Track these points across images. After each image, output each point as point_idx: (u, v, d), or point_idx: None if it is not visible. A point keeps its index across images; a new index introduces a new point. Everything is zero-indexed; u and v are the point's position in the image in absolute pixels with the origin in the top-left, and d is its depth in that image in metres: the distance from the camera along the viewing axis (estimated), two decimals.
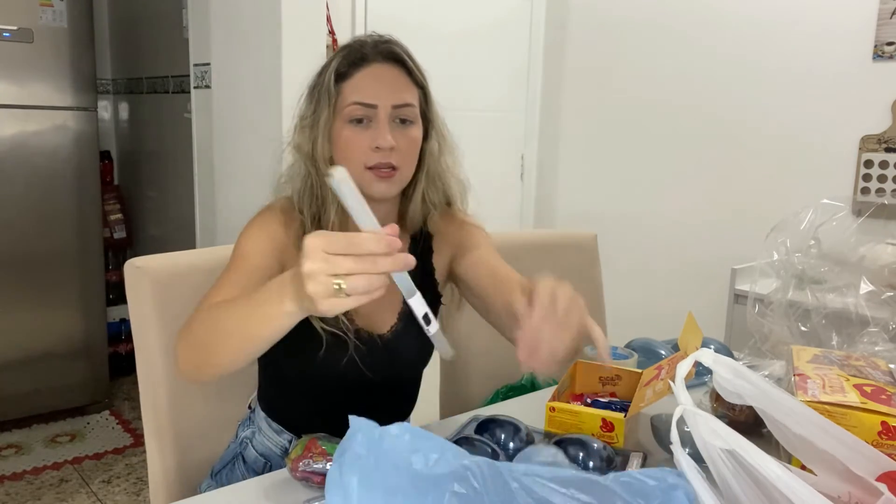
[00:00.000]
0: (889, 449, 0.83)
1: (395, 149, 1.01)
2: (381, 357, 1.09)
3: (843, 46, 2.24)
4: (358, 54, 1.04)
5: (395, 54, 1.05)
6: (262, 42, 2.23)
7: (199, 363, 0.91)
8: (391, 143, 1.00)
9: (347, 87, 1.03)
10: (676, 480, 0.62)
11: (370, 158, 1.01)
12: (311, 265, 0.68)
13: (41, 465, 2.53)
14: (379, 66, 1.03)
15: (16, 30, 2.61)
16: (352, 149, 1.02)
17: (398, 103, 1.02)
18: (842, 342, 1.24)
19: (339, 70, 1.04)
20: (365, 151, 1.01)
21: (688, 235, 2.66)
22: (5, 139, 2.65)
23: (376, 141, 1.00)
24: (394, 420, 1.22)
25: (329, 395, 1.11)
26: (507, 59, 2.95)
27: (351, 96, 1.02)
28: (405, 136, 1.03)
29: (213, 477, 1.16)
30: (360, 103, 1.01)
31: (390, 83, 1.03)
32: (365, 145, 1.01)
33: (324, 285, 0.68)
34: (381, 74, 1.03)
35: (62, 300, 2.83)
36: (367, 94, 1.01)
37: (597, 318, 1.76)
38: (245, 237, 1.04)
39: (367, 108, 1.01)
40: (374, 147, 1.01)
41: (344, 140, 1.03)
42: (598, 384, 1.19)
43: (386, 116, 1.01)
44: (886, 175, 2.17)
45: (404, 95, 1.03)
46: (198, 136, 2.70)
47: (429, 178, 1.11)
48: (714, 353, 0.75)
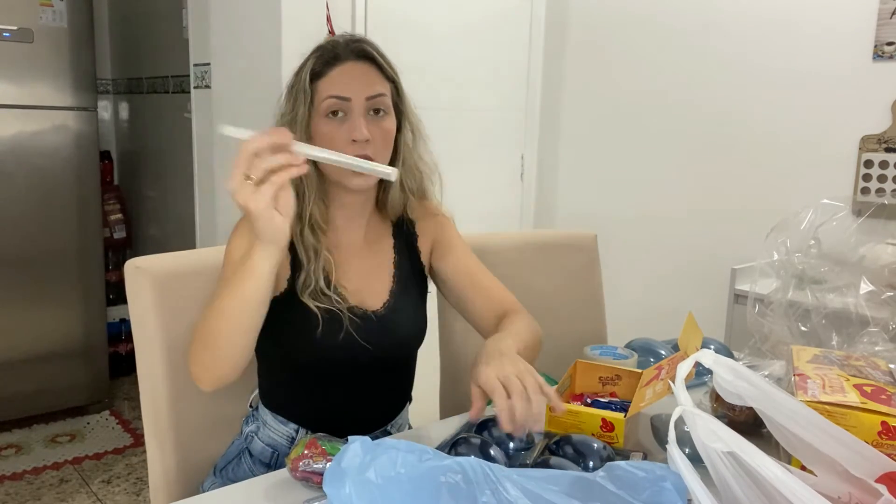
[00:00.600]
0: (889, 449, 0.83)
1: (371, 141, 1.07)
2: (377, 331, 1.12)
3: (843, 46, 2.23)
4: (331, 54, 1.10)
5: (366, 52, 1.12)
6: (262, 42, 2.24)
7: (209, 362, 0.98)
8: (366, 136, 1.06)
9: (322, 84, 1.09)
10: (665, 472, 0.63)
11: (347, 151, 1.05)
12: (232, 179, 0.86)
13: (41, 465, 2.53)
14: (352, 63, 1.10)
15: (16, 30, 2.61)
16: (329, 142, 1.07)
17: (371, 94, 1.08)
18: (842, 342, 1.24)
19: (314, 69, 1.10)
20: (342, 145, 1.07)
21: (688, 235, 2.66)
22: (5, 139, 2.65)
23: (352, 134, 1.06)
24: (396, 400, 1.24)
25: (329, 377, 1.13)
26: (507, 58, 2.95)
27: (326, 91, 1.08)
28: (379, 128, 1.09)
29: (216, 474, 1.16)
30: (335, 96, 1.07)
31: (362, 77, 1.10)
32: (342, 138, 1.07)
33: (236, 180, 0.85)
34: (354, 70, 1.10)
35: (62, 300, 2.83)
36: (342, 88, 1.08)
37: (597, 317, 1.77)
38: (230, 246, 1.09)
39: (342, 101, 1.07)
40: (350, 140, 1.06)
41: (321, 135, 1.08)
42: (598, 384, 1.19)
43: (361, 109, 1.08)
44: (886, 175, 2.17)
45: (376, 87, 1.10)
46: (198, 136, 2.70)
47: (405, 167, 1.18)
48: (714, 354, 0.75)
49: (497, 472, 0.64)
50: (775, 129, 2.41)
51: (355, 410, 1.17)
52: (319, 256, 1.10)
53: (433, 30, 2.63)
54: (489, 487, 0.62)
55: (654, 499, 0.61)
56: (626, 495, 0.61)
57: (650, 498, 0.61)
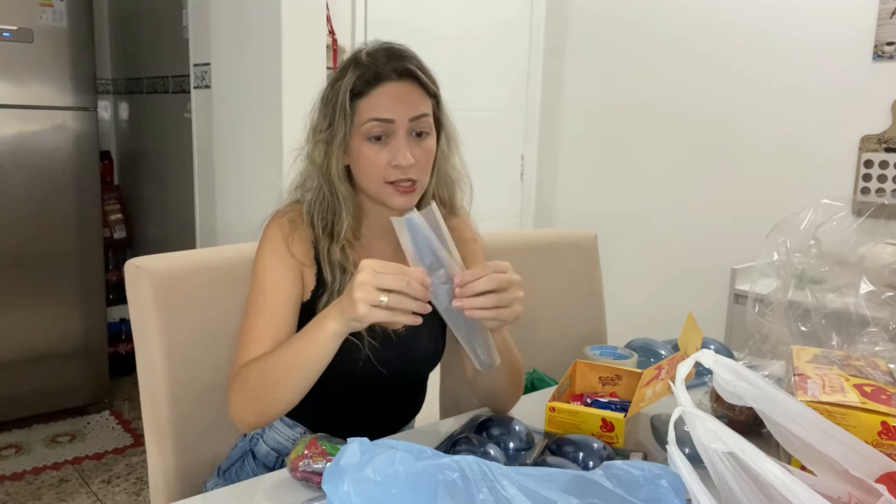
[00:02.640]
0: (889, 449, 0.83)
1: (414, 164, 1.04)
2: (396, 353, 1.12)
3: (843, 46, 2.23)
4: (372, 73, 1.06)
5: (409, 71, 1.07)
6: (262, 42, 2.23)
7: (259, 411, 1.02)
8: (411, 161, 1.04)
9: (364, 104, 1.06)
10: (661, 471, 0.63)
11: (390, 174, 1.05)
12: (363, 276, 0.86)
13: (41, 465, 2.53)
14: (394, 84, 1.06)
15: (16, 30, 2.61)
16: (371, 165, 1.05)
17: (414, 115, 1.05)
18: (842, 342, 1.24)
19: (355, 89, 1.06)
20: (384, 168, 1.05)
21: (688, 235, 2.66)
22: (5, 139, 2.65)
23: (396, 159, 1.04)
24: (407, 411, 1.24)
25: (343, 392, 1.13)
26: (507, 60, 2.95)
27: (368, 113, 1.05)
28: (422, 149, 1.07)
29: (220, 475, 1.16)
30: (378, 119, 1.04)
31: (405, 98, 1.06)
32: (384, 162, 1.05)
33: (370, 293, 0.85)
34: (397, 91, 1.06)
35: (62, 300, 2.83)
36: (385, 111, 1.04)
37: (597, 317, 1.77)
38: (261, 264, 1.09)
39: (385, 124, 1.04)
40: (393, 164, 1.04)
41: (364, 157, 1.06)
42: (598, 384, 1.19)
43: (404, 132, 1.05)
44: (886, 175, 2.17)
45: (419, 108, 1.06)
46: (198, 136, 2.70)
47: (439, 177, 1.16)
48: (714, 354, 0.75)
49: (494, 470, 0.64)
50: (775, 129, 2.41)
51: (366, 420, 1.16)
52: (346, 274, 1.08)
53: (433, 31, 2.63)
54: (486, 485, 0.62)
55: (653, 497, 0.61)
56: (624, 493, 0.61)
57: (648, 496, 0.61)
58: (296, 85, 2.15)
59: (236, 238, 2.32)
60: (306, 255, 1.09)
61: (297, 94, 2.14)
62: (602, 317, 1.77)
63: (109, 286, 3.17)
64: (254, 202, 2.34)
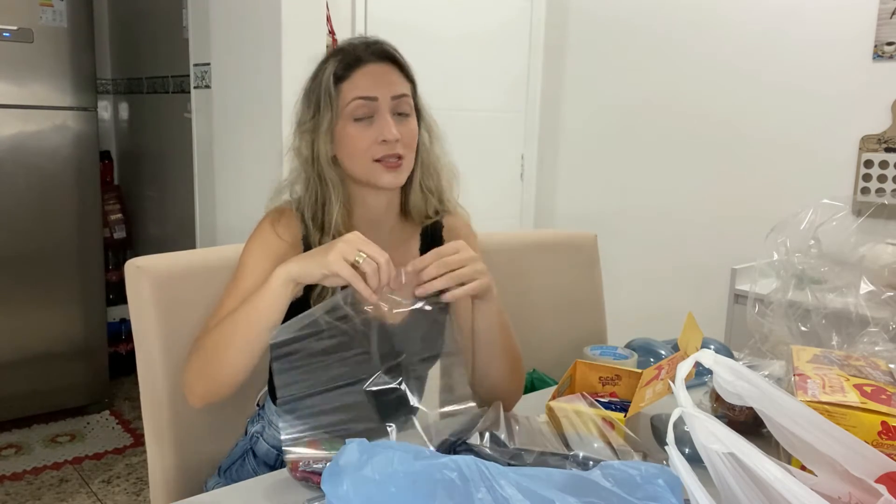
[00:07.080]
0: (889, 449, 0.83)
1: (399, 139, 1.07)
2: (389, 342, 1.11)
3: (843, 46, 2.23)
4: (352, 56, 1.10)
5: (387, 53, 1.12)
6: (262, 42, 2.23)
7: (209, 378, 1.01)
8: (396, 135, 1.07)
9: (346, 86, 1.09)
10: (658, 470, 0.63)
11: (377, 151, 1.07)
12: (350, 237, 0.95)
13: (41, 465, 2.53)
14: (374, 64, 1.10)
15: (16, 30, 2.61)
16: (358, 144, 1.08)
17: (396, 94, 1.09)
18: (842, 342, 1.24)
19: (337, 73, 1.09)
20: (371, 146, 1.07)
21: (688, 235, 2.66)
22: (5, 139, 2.65)
23: (382, 134, 1.06)
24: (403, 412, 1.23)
25: None
26: (507, 60, 2.95)
27: (351, 93, 1.08)
28: (406, 127, 1.10)
29: (221, 474, 1.16)
30: (363, 97, 1.07)
31: (386, 77, 1.10)
32: (370, 139, 1.07)
33: (350, 249, 0.93)
34: (377, 71, 1.10)
35: (62, 300, 2.83)
36: (368, 89, 1.08)
37: (597, 317, 1.77)
38: (248, 255, 1.10)
39: (369, 102, 1.07)
40: (380, 140, 1.07)
41: (350, 137, 1.08)
42: (598, 384, 1.19)
43: (387, 109, 1.08)
44: (886, 175, 2.17)
45: (400, 87, 1.10)
46: (198, 136, 2.70)
47: (424, 167, 1.18)
48: (714, 354, 0.75)
49: (492, 469, 0.64)
50: (775, 128, 2.41)
51: None
52: None
53: (434, 32, 2.63)
54: (485, 485, 0.62)
55: (650, 496, 0.61)
56: (622, 492, 0.61)
57: (645, 495, 0.61)
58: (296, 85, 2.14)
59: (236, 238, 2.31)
60: (296, 249, 1.10)
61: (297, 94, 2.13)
62: (602, 317, 1.77)
63: (109, 286, 3.17)
64: (254, 202, 2.32)
